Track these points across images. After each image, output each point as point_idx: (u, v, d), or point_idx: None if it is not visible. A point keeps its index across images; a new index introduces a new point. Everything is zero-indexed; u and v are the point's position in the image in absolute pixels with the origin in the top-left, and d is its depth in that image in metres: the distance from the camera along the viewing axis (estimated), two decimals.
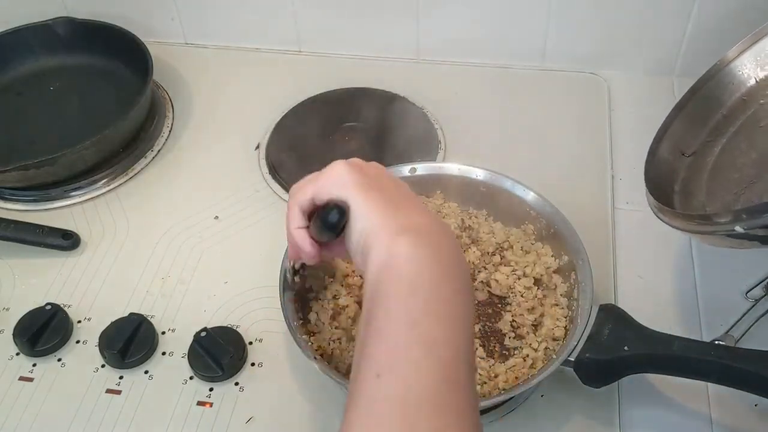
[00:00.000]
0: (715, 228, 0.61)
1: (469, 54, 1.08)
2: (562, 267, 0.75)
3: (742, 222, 0.58)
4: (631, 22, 0.99)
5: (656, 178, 0.74)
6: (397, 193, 0.56)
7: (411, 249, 0.49)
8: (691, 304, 0.78)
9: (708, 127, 0.78)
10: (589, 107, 1.01)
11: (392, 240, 0.50)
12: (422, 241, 0.50)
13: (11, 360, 0.77)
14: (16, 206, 0.93)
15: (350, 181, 0.55)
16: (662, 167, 0.76)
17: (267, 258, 0.79)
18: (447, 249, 0.52)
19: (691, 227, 0.65)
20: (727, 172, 0.75)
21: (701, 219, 0.63)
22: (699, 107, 0.78)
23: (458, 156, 0.94)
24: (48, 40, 1.08)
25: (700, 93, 0.79)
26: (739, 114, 0.78)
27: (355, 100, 1.02)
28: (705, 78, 0.79)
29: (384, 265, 0.49)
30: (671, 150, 0.77)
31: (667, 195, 0.73)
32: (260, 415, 0.71)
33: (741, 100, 0.78)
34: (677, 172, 0.77)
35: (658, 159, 0.76)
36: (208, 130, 1.02)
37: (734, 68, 0.78)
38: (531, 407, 0.71)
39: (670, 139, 0.77)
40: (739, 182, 0.72)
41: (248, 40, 1.13)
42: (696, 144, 0.78)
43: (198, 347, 0.73)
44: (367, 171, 0.57)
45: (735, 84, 0.78)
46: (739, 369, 0.60)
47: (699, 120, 0.78)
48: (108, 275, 0.84)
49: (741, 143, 0.76)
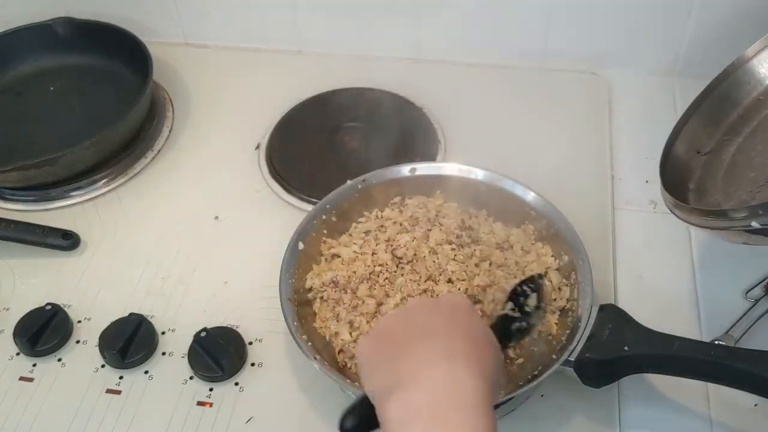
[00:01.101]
0: (731, 223, 0.61)
1: (469, 54, 1.08)
2: (562, 267, 0.75)
3: (759, 218, 0.58)
4: (631, 22, 0.99)
5: (671, 175, 0.74)
6: (411, 346, 0.52)
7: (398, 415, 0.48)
8: (691, 304, 0.78)
9: (724, 127, 0.78)
10: (589, 107, 1.01)
11: (382, 407, 0.49)
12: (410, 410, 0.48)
13: (11, 360, 0.77)
14: (16, 206, 0.93)
15: (362, 377, 0.54)
16: (677, 165, 0.76)
17: (267, 258, 0.79)
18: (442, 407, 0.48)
19: (706, 223, 0.65)
20: (742, 171, 0.75)
21: (717, 214, 0.63)
22: (715, 106, 0.78)
23: (458, 156, 0.94)
24: (48, 40, 1.08)
25: (715, 92, 0.78)
26: (755, 114, 0.78)
27: (355, 100, 1.02)
28: (721, 77, 0.78)
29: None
30: (686, 148, 0.77)
31: (681, 193, 0.73)
32: (260, 415, 0.71)
33: (757, 100, 0.78)
34: (692, 170, 0.77)
35: (673, 157, 0.75)
36: (208, 130, 1.02)
37: (751, 68, 0.78)
38: (531, 407, 0.71)
39: (685, 137, 0.77)
40: (755, 181, 0.72)
41: (248, 40, 1.13)
42: (711, 143, 0.78)
43: (198, 347, 0.73)
44: (384, 337, 0.54)
45: (751, 83, 0.78)
46: (739, 369, 0.60)
47: (714, 119, 0.78)
48: (108, 275, 0.84)
49: (757, 143, 0.76)
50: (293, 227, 0.78)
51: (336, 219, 0.80)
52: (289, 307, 0.71)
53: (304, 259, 0.77)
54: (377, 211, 0.82)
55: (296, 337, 0.68)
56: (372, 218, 0.82)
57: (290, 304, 0.72)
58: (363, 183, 0.82)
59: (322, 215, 0.79)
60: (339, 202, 0.80)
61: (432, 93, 1.03)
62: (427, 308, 0.55)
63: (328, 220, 0.80)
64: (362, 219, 0.82)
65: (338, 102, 1.02)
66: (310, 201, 0.88)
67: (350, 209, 0.81)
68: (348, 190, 0.81)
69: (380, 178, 0.82)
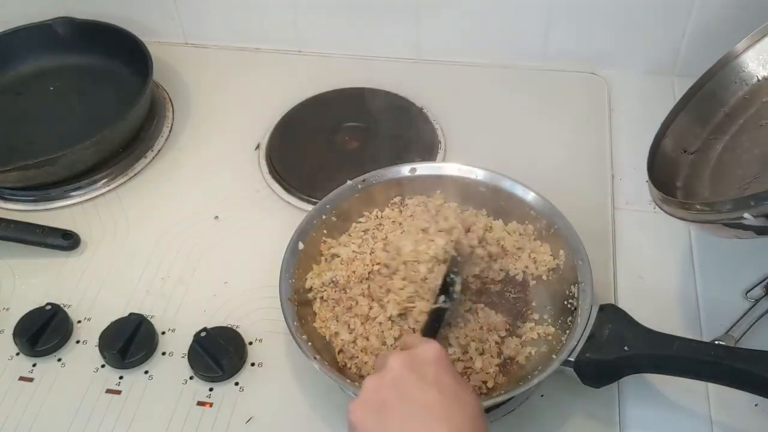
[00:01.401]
0: (718, 216, 0.61)
1: (469, 54, 1.08)
2: (562, 267, 0.75)
3: (749, 209, 0.57)
4: (631, 22, 0.99)
5: (658, 174, 0.73)
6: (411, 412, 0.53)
7: None
8: (691, 304, 0.78)
9: (710, 126, 0.78)
10: (589, 107, 1.01)
11: None
12: None
13: (11, 360, 0.77)
14: (16, 206, 0.93)
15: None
16: (664, 164, 0.75)
17: (267, 258, 0.79)
18: None
19: (693, 216, 0.65)
20: (730, 169, 0.75)
21: (704, 206, 0.63)
22: (701, 105, 0.78)
23: (458, 156, 0.94)
24: (48, 40, 1.08)
25: (702, 91, 0.78)
26: (741, 113, 0.78)
27: (355, 100, 1.02)
28: (707, 75, 0.78)
29: None
30: (674, 147, 0.77)
31: (669, 191, 0.73)
32: (260, 415, 0.71)
33: (743, 99, 0.78)
34: (679, 168, 0.76)
35: (660, 155, 0.75)
36: (208, 130, 1.02)
37: (737, 66, 0.78)
38: (531, 407, 0.71)
39: (672, 135, 0.77)
40: (743, 178, 0.72)
41: (248, 40, 1.13)
42: (698, 142, 0.77)
43: (198, 347, 0.73)
44: (379, 409, 0.54)
45: (737, 82, 0.78)
46: (739, 369, 0.60)
47: (701, 118, 0.78)
48: (108, 275, 0.84)
49: (744, 141, 0.76)
50: (293, 227, 0.78)
51: (336, 219, 0.80)
52: (289, 307, 0.71)
53: (304, 259, 0.77)
54: (377, 211, 0.82)
55: (296, 337, 0.68)
56: (372, 218, 0.82)
57: (290, 304, 0.72)
58: (363, 183, 0.82)
59: (322, 215, 0.79)
60: (339, 202, 0.81)
61: (432, 93, 1.03)
62: (415, 377, 0.55)
63: (328, 220, 0.80)
64: (362, 219, 0.82)
65: (338, 102, 1.02)
66: (310, 201, 0.88)
67: (350, 209, 0.81)
68: (348, 190, 0.81)
69: (380, 178, 0.82)
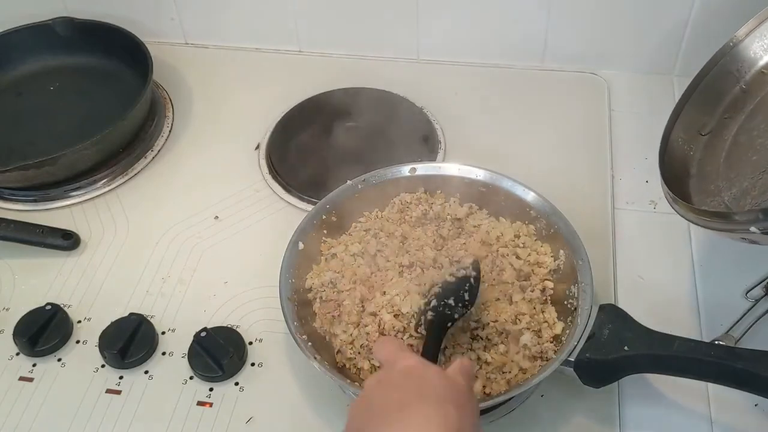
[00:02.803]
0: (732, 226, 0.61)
1: (469, 54, 1.08)
2: (562, 267, 0.75)
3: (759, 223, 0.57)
4: (630, 22, 0.99)
5: (671, 162, 0.73)
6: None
7: None
8: (691, 304, 0.78)
9: (725, 103, 0.77)
10: (589, 107, 1.01)
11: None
12: None
13: (11, 360, 0.77)
14: (16, 206, 0.93)
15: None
16: (677, 150, 0.75)
17: (267, 258, 0.79)
18: None
19: (704, 223, 0.64)
20: (744, 154, 0.73)
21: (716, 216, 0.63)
22: (715, 82, 0.77)
23: (458, 156, 0.94)
24: (48, 40, 1.08)
25: (716, 69, 0.77)
26: (757, 89, 0.76)
27: (355, 100, 1.01)
28: (719, 54, 0.77)
29: None
30: (686, 130, 0.75)
31: (682, 180, 0.72)
32: (260, 415, 0.71)
33: (760, 73, 0.76)
34: (693, 153, 0.75)
35: (672, 142, 0.74)
36: (208, 130, 1.02)
37: (749, 44, 0.76)
38: (531, 407, 0.71)
39: (685, 119, 0.76)
40: (757, 165, 0.70)
41: (248, 40, 1.13)
42: (713, 122, 0.76)
43: (198, 347, 0.73)
44: (377, 402, 0.55)
45: (754, 57, 0.76)
46: (739, 369, 0.60)
47: (715, 96, 0.77)
48: (108, 275, 0.84)
49: (760, 122, 0.74)
50: (293, 227, 0.78)
51: (336, 219, 0.80)
52: (289, 307, 0.71)
53: (304, 259, 0.77)
54: (377, 211, 0.82)
55: (296, 337, 0.68)
56: (372, 218, 0.82)
57: (290, 304, 0.72)
58: (363, 183, 0.82)
59: (322, 215, 0.79)
60: (339, 202, 0.81)
61: (432, 93, 1.03)
62: (407, 381, 0.55)
63: (328, 220, 0.80)
64: (362, 219, 0.82)
65: (338, 102, 1.02)
66: (310, 201, 0.88)
67: (350, 209, 0.81)
68: (348, 190, 0.81)
69: (380, 178, 0.82)
